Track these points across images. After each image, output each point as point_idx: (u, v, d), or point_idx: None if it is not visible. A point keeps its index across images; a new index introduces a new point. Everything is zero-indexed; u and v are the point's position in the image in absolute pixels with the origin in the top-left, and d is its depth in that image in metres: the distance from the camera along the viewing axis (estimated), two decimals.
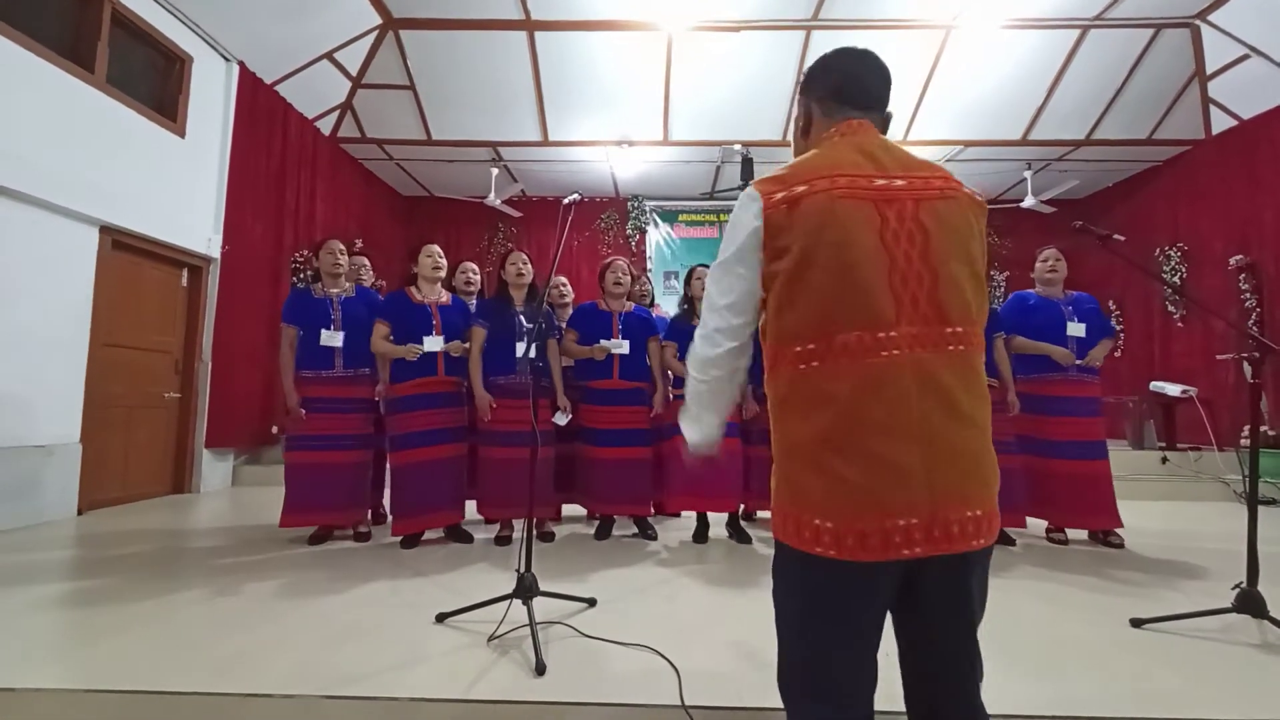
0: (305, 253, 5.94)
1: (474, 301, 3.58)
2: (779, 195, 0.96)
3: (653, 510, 3.58)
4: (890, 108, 1.12)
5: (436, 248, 3.34)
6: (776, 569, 1.02)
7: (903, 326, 0.91)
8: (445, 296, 3.37)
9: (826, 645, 0.95)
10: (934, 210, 0.95)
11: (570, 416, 3.34)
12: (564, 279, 4.16)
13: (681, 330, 3.42)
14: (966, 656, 0.97)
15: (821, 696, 0.96)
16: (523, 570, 2.07)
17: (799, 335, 0.95)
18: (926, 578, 0.94)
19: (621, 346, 3.39)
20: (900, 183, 0.96)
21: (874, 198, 0.94)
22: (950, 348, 0.92)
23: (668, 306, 4.76)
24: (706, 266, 3.47)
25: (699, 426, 1.14)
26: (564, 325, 3.58)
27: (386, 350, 3.18)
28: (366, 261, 3.92)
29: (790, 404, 0.98)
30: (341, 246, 3.43)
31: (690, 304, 3.52)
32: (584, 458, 3.48)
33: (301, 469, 3.21)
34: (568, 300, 4.04)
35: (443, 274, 3.34)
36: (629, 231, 8.53)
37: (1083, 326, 3.36)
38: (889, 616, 0.99)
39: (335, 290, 3.38)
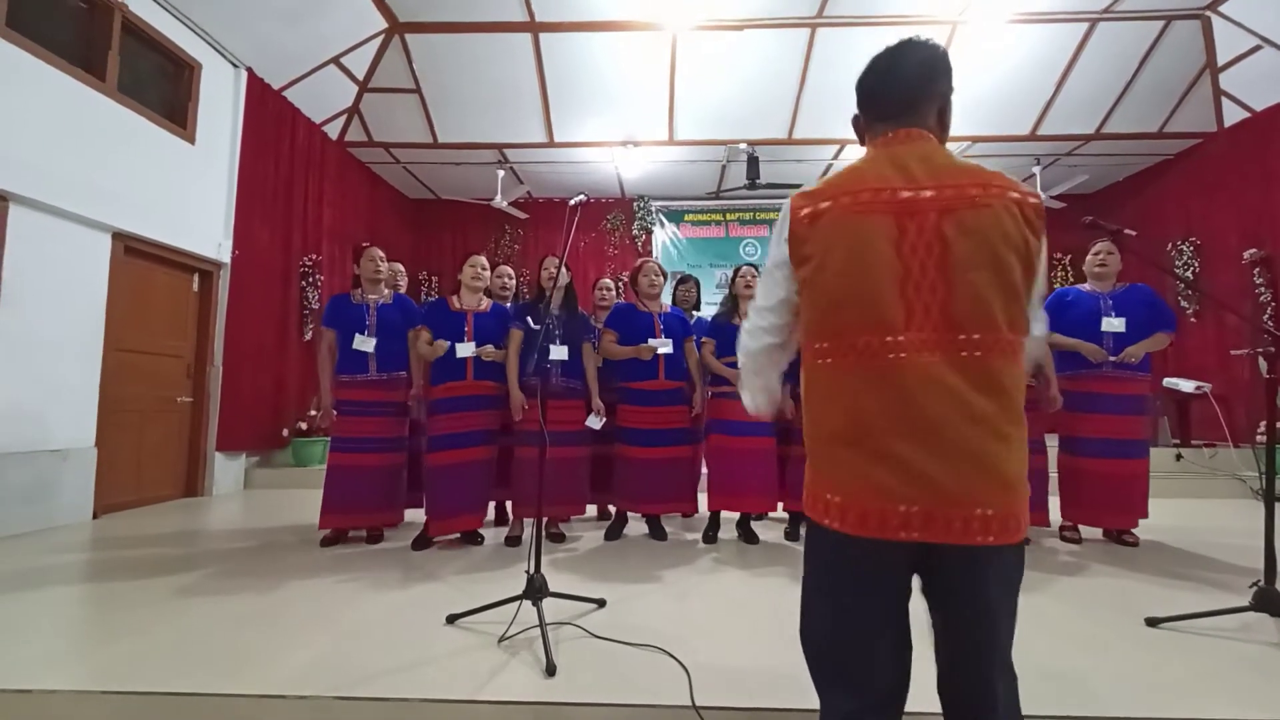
0: (315, 256, 5.99)
1: (510, 305, 3.62)
2: (805, 210, 1.03)
3: (697, 509, 3.62)
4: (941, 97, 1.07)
5: (482, 259, 3.42)
6: (805, 542, 1.10)
7: (911, 332, 0.94)
8: (485, 304, 3.42)
9: (831, 616, 1.02)
10: (959, 220, 0.95)
11: (604, 420, 3.34)
12: (609, 281, 4.18)
13: (722, 328, 3.41)
14: (986, 651, 0.97)
15: (830, 669, 1.02)
16: (532, 571, 2.08)
17: (816, 334, 1.03)
18: (943, 567, 0.97)
19: (667, 346, 3.40)
20: (928, 194, 0.97)
21: (896, 210, 0.98)
22: (964, 354, 0.94)
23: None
24: (752, 266, 3.51)
25: (748, 398, 1.28)
26: (601, 327, 3.57)
27: (423, 353, 3.26)
28: (401, 267, 4.03)
29: (810, 396, 1.07)
30: (382, 254, 3.51)
31: (734, 302, 3.47)
32: (627, 459, 3.44)
33: (339, 471, 3.28)
34: (608, 303, 4.02)
35: (483, 284, 3.42)
36: (635, 232, 8.52)
37: (1121, 321, 3.26)
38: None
39: (374, 296, 3.45)
